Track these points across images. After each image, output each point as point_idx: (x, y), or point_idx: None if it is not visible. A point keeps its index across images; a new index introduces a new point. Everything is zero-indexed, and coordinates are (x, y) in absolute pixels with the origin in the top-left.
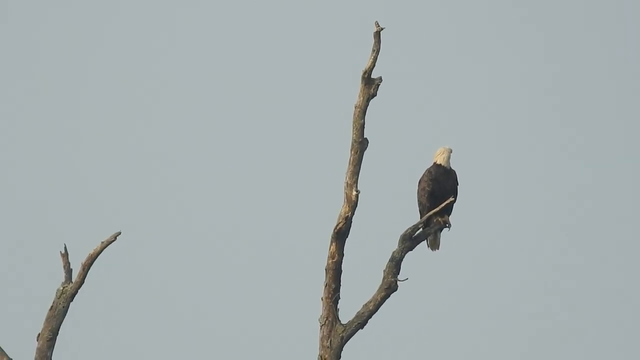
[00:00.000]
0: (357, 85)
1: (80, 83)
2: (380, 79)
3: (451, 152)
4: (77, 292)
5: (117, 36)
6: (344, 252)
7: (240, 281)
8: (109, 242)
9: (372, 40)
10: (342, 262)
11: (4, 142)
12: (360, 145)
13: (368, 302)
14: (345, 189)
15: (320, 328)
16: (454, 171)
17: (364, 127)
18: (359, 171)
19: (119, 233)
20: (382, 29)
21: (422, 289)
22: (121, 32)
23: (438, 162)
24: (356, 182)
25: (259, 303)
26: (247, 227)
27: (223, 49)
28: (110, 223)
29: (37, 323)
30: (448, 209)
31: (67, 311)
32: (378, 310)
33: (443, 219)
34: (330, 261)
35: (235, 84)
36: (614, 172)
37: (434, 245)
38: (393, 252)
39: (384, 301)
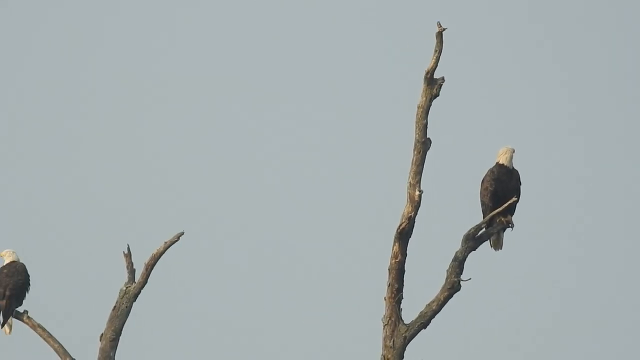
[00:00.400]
0: (420, 85)
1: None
2: (442, 79)
3: (514, 152)
4: (140, 292)
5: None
6: (407, 252)
7: (304, 281)
8: (172, 242)
9: (434, 41)
10: (405, 262)
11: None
12: (423, 145)
13: (431, 302)
14: (408, 189)
15: (383, 328)
16: (517, 171)
17: (426, 127)
18: (421, 171)
19: (182, 233)
20: (444, 29)
21: (485, 289)
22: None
23: (500, 162)
24: (419, 182)
25: (322, 303)
26: (310, 228)
27: (283, 46)
28: (178, 222)
29: (100, 323)
30: (511, 209)
31: (130, 311)
32: (441, 310)
33: (506, 218)
34: (393, 261)
35: (298, 82)
36: None
37: (497, 245)
38: (456, 252)
39: (447, 301)
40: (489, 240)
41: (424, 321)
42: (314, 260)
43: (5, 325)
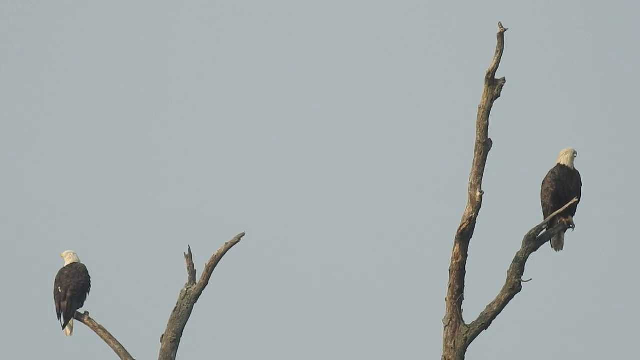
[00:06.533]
0: (481, 86)
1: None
2: (503, 79)
3: (575, 152)
4: (201, 293)
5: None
6: (468, 252)
7: (365, 282)
8: (233, 243)
9: (495, 41)
10: (466, 262)
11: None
12: (484, 146)
13: (492, 302)
14: (469, 189)
15: (444, 329)
16: (578, 172)
17: (487, 128)
18: (482, 172)
19: (243, 234)
20: (505, 30)
21: (546, 290)
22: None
23: (562, 163)
24: (480, 182)
25: (384, 304)
26: (372, 229)
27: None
28: (233, 225)
29: (161, 324)
30: (572, 210)
31: (190, 312)
32: (502, 311)
33: (567, 219)
34: (454, 262)
35: (361, 84)
36: None
37: (558, 246)
38: (517, 253)
39: (508, 302)
40: (550, 241)
41: (484, 322)
42: (375, 261)
43: (67, 327)
